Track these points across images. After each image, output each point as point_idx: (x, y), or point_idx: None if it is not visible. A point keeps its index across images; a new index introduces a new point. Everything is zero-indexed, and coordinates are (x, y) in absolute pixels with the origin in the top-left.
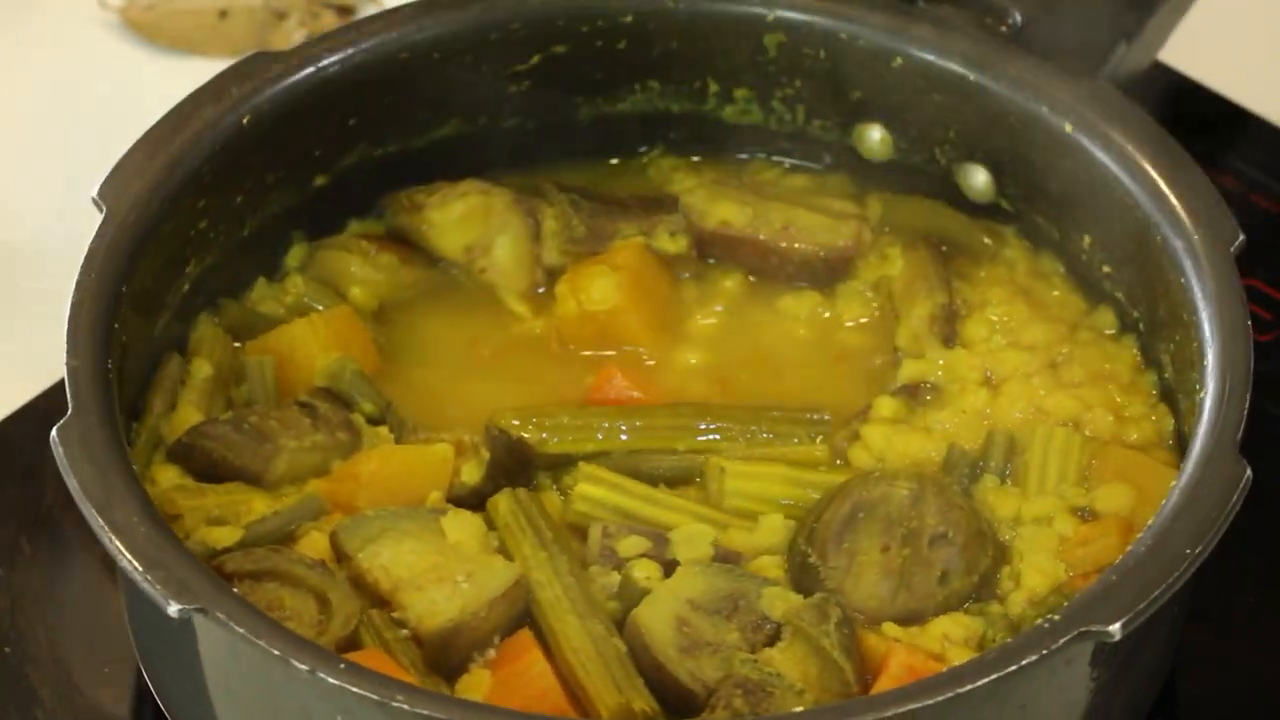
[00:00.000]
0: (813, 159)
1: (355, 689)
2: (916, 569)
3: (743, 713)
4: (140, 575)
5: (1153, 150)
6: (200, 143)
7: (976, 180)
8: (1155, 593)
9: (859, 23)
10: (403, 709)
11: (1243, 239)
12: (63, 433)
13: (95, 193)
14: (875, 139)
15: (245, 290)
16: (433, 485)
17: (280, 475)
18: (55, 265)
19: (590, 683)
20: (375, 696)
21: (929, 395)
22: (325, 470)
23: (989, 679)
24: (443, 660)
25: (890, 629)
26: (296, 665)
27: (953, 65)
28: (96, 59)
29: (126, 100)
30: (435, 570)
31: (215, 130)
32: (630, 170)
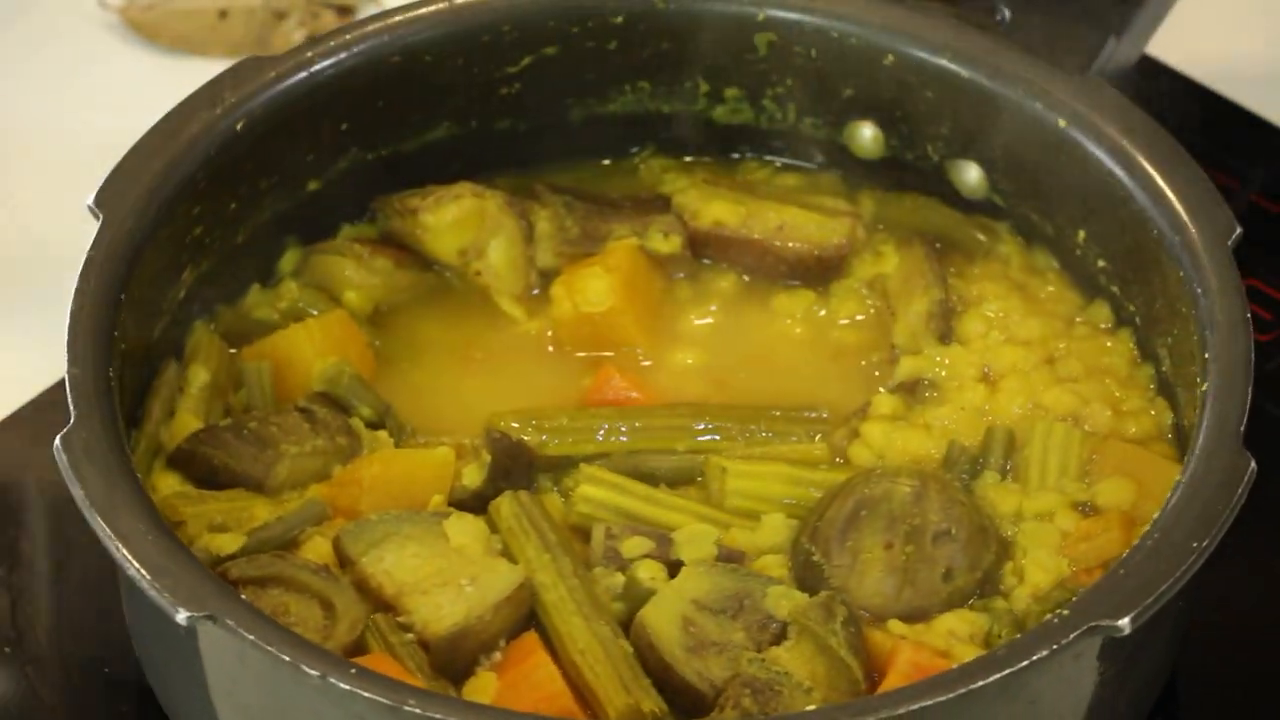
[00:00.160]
0: (804, 158)
1: (367, 694)
2: (920, 566)
3: (752, 712)
4: (149, 583)
5: (1148, 145)
6: (195, 149)
7: (969, 177)
8: (1163, 586)
9: (850, 21)
10: (415, 713)
11: (1239, 232)
12: (66, 441)
13: (91, 200)
14: (867, 137)
15: (240, 296)
16: (434, 489)
17: (281, 481)
18: (56, 268)
19: (598, 684)
20: (387, 701)
21: (927, 392)
22: (326, 475)
23: (1000, 675)
24: (449, 664)
25: (896, 626)
26: (307, 671)
27: (945, 62)
28: (96, 59)
29: (126, 100)
30: (439, 574)
31: (209, 136)
32: (621, 171)
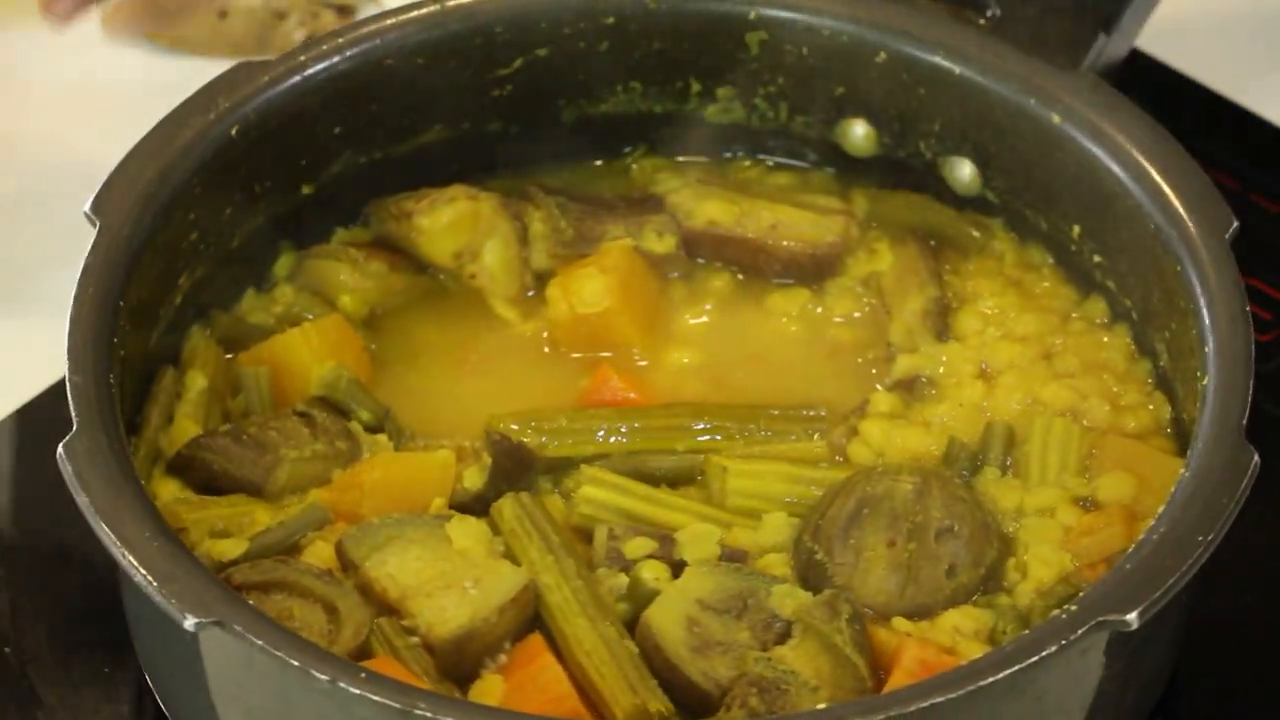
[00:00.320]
0: (796, 156)
1: (377, 698)
2: (924, 563)
3: (759, 711)
4: (155, 590)
5: (1144, 140)
6: (190, 155)
7: (962, 173)
8: (1170, 580)
9: (841, 18)
10: (425, 717)
11: (1237, 225)
12: (69, 449)
13: (88, 207)
14: (859, 134)
15: (235, 301)
16: (435, 492)
17: (281, 486)
18: (54, 270)
19: (604, 685)
20: (397, 705)
21: (925, 389)
22: (326, 480)
23: (1010, 671)
24: (455, 667)
25: (900, 624)
26: (317, 676)
27: (938, 59)
28: (97, 59)
29: (127, 100)
30: (443, 577)
31: (204, 142)
32: (614, 171)
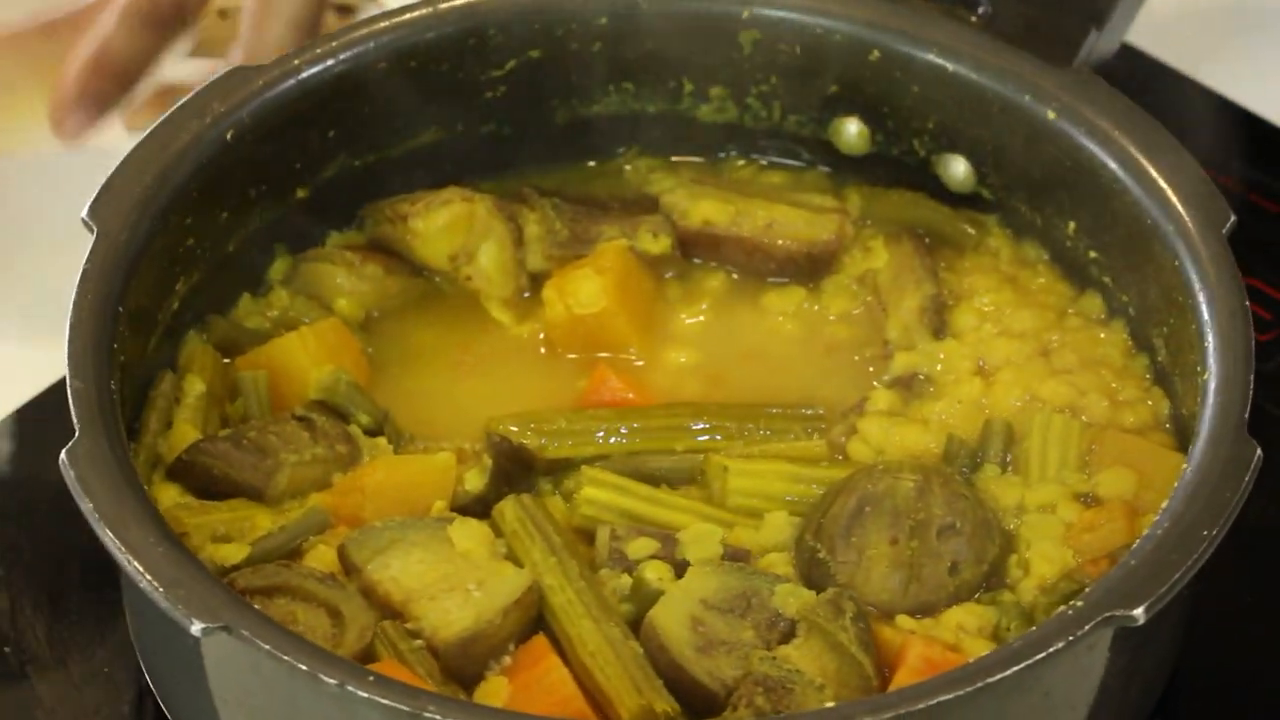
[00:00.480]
0: (790, 155)
1: (386, 701)
2: (926, 560)
3: (765, 710)
4: (161, 595)
5: (1139, 135)
6: (185, 159)
7: (956, 170)
8: (1176, 575)
9: (834, 17)
10: None
11: (1234, 219)
12: (72, 455)
13: (85, 213)
14: (852, 132)
15: (230, 306)
16: (437, 494)
17: (282, 490)
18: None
19: (610, 686)
20: (406, 708)
21: (923, 387)
22: (326, 483)
23: (1017, 668)
24: (460, 670)
25: (904, 621)
26: (325, 680)
27: (931, 57)
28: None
29: None
30: (446, 580)
31: (199, 146)
32: (607, 172)
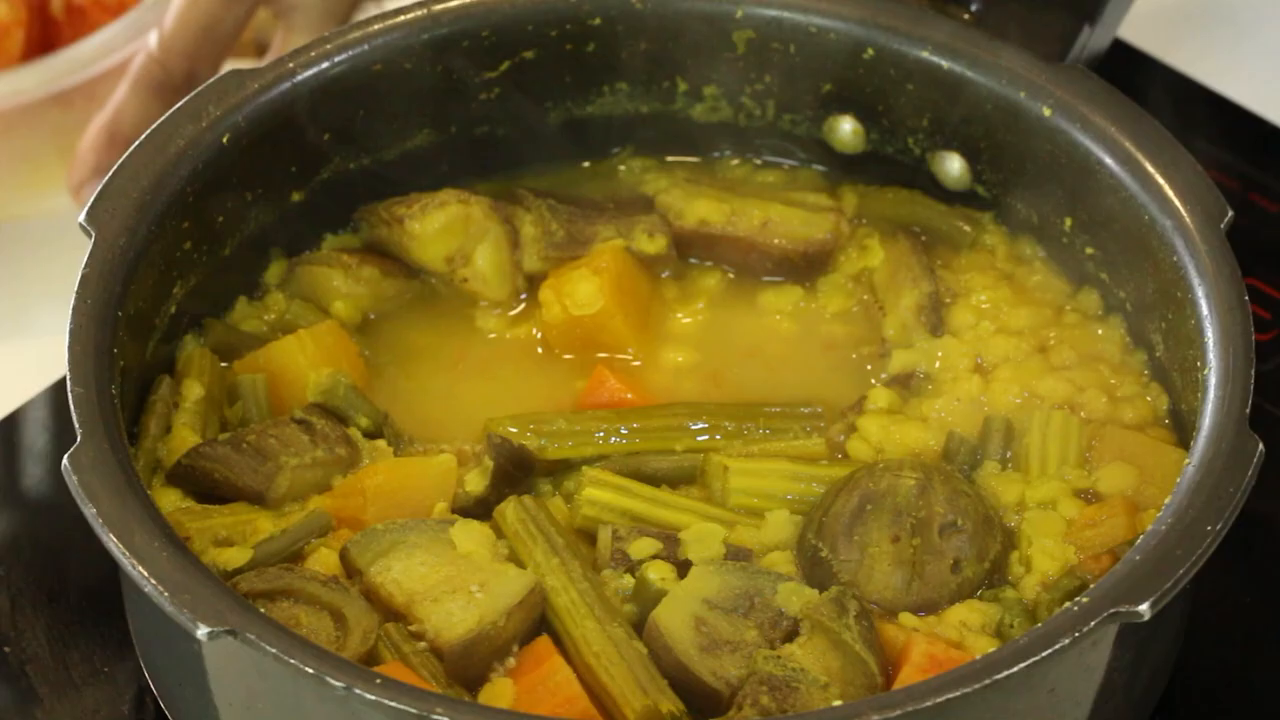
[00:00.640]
0: (785, 154)
1: (393, 703)
2: (928, 558)
3: (771, 709)
4: (167, 600)
5: (1135, 131)
6: (182, 163)
7: (952, 168)
8: (1181, 570)
9: (828, 16)
10: None
11: (1231, 215)
12: (74, 460)
13: (83, 218)
14: (847, 131)
15: (227, 310)
16: (437, 496)
17: (283, 493)
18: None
19: (615, 686)
20: (414, 710)
21: (922, 385)
22: (326, 486)
23: (1024, 665)
24: (464, 671)
25: (907, 619)
26: (332, 683)
27: (925, 54)
28: None
29: None
30: (449, 581)
31: (195, 150)
32: (602, 172)
